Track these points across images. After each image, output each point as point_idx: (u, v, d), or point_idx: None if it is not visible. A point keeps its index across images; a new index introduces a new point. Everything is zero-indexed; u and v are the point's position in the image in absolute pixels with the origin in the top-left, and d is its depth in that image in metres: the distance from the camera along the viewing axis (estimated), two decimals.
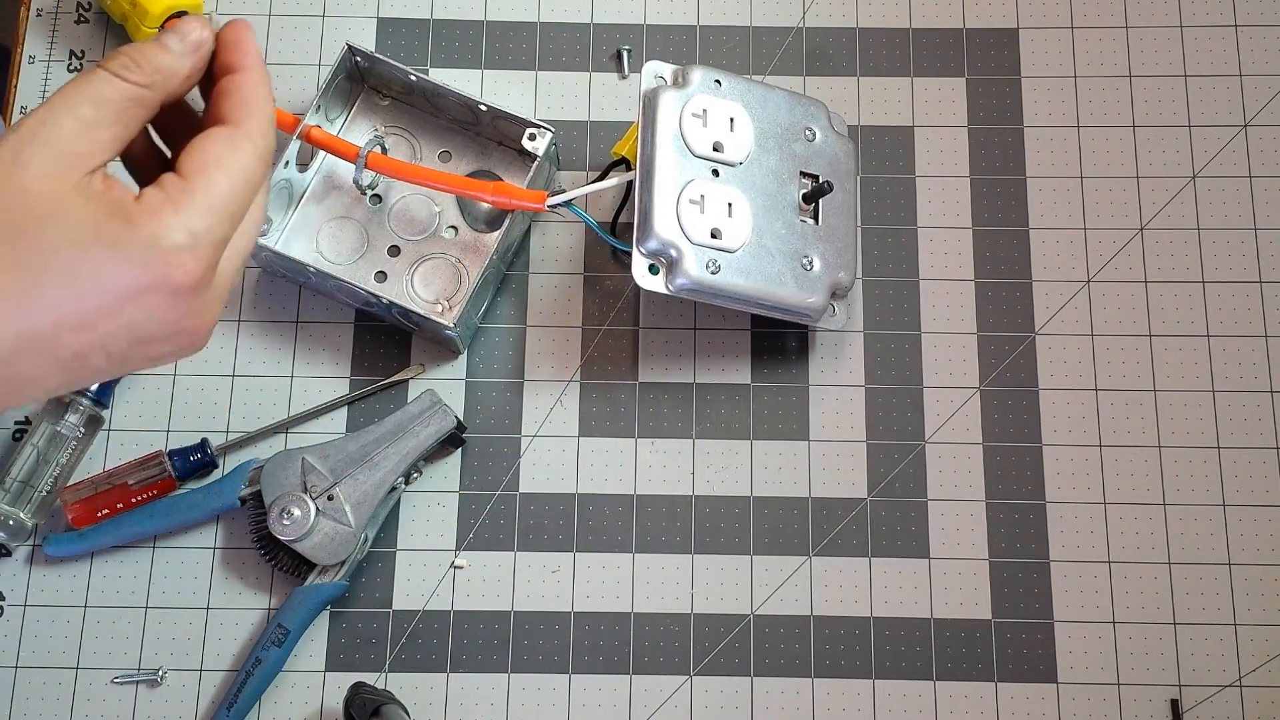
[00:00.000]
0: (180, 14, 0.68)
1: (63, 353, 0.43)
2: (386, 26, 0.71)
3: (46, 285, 0.42)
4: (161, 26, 0.67)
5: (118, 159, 0.45)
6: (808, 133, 0.64)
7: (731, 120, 0.62)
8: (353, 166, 0.62)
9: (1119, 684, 0.62)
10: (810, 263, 0.62)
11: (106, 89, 0.44)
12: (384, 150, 0.65)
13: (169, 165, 0.45)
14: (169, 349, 0.45)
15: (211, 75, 0.47)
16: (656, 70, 0.63)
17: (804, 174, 0.64)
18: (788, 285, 0.61)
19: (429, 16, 0.71)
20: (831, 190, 0.63)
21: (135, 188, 0.45)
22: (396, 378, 0.65)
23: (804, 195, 0.63)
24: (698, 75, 0.62)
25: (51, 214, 0.42)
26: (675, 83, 0.62)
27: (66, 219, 0.42)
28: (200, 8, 0.69)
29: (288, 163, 0.64)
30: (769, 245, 0.61)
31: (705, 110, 0.62)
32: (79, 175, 0.43)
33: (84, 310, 0.42)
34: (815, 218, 0.63)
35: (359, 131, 0.68)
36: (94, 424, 0.64)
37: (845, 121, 0.68)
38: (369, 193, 0.66)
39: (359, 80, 0.68)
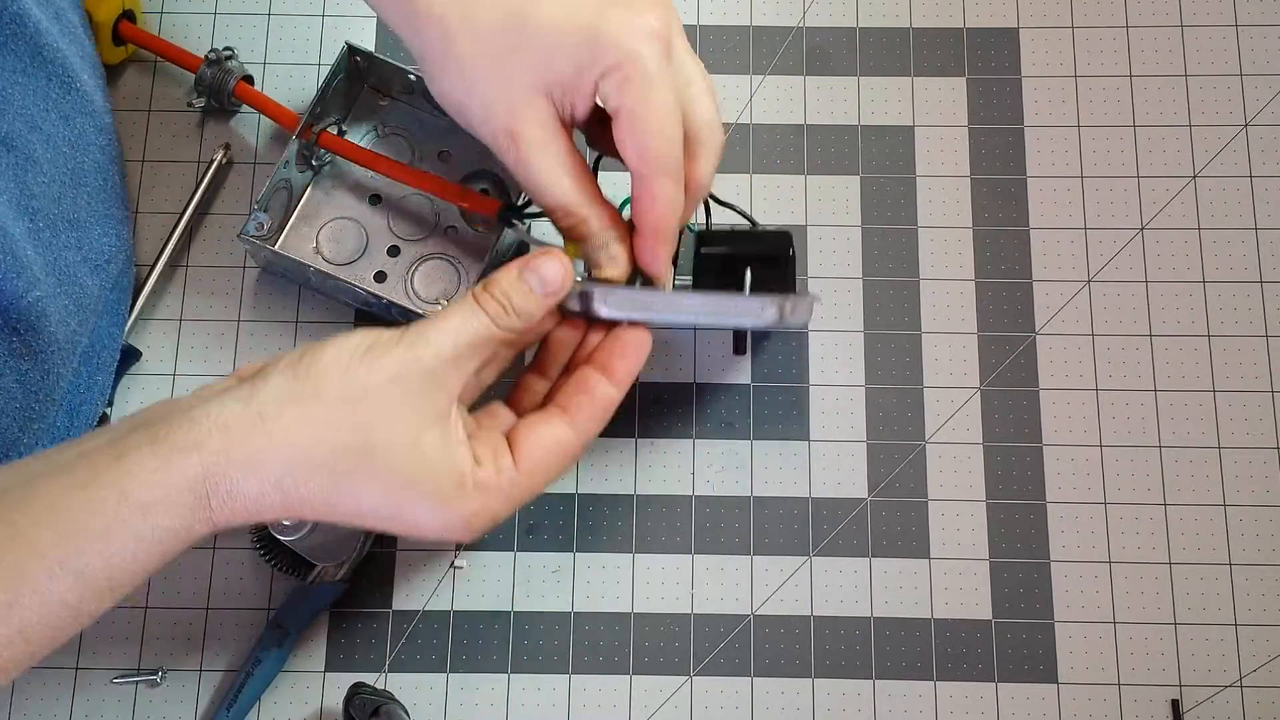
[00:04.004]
0: (128, 14, 0.67)
1: (336, 517, 0.47)
2: (386, 26, 0.71)
3: (361, 487, 0.46)
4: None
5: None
6: None
7: None
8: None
9: (1119, 684, 0.62)
10: None
11: (483, 333, 0.48)
12: (341, 134, 0.66)
13: None
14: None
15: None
16: None
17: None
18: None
19: None
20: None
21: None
22: None
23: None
24: None
25: (407, 441, 0.46)
26: None
27: (416, 459, 0.46)
28: (139, 7, 0.68)
29: (287, 162, 0.64)
30: None
31: None
32: (445, 405, 0.47)
33: (375, 514, 0.47)
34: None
35: (359, 131, 0.68)
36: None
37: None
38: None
39: (359, 80, 0.68)
